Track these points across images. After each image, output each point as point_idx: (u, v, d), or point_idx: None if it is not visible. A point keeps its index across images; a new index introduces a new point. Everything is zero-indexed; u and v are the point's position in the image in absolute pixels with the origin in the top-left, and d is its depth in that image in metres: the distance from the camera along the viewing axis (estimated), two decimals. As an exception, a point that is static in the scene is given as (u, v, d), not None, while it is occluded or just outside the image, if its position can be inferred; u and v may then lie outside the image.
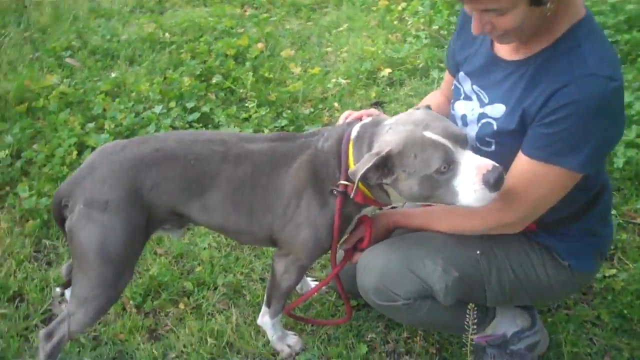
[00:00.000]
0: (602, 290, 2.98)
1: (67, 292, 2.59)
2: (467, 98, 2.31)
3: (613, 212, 3.40)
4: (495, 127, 2.16)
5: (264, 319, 2.63)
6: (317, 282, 2.98)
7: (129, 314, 2.84)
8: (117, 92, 4.44)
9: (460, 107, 2.32)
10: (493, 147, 2.19)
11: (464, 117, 2.30)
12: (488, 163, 1.99)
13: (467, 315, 2.20)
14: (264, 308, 2.62)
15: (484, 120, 2.20)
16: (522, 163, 2.08)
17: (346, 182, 2.19)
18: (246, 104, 4.27)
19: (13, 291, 2.94)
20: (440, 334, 2.72)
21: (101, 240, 2.22)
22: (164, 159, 2.26)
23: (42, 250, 3.21)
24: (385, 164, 2.05)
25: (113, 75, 4.64)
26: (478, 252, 2.28)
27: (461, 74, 2.35)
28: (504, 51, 2.18)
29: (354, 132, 2.22)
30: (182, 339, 2.71)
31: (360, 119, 2.37)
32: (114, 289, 2.32)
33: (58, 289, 2.74)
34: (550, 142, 2.00)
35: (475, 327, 2.22)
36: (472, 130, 2.25)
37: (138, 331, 2.77)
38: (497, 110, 2.16)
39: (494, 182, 1.97)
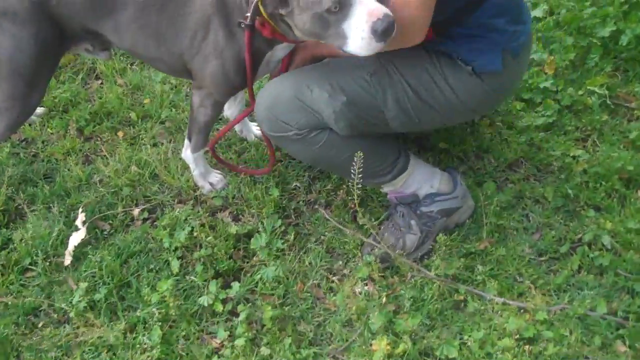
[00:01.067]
0: (559, 169, 2.78)
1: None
2: None
3: (604, 92, 3.12)
4: None
5: (186, 153, 2.61)
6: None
7: (70, 137, 2.88)
8: None
9: None
10: None
11: None
12: (380, 11, 1.87)
13: (354, 163, 2.12)
14: (185, 141, 2.59)
15: None
16: None
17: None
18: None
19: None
20: (364, 190, 2.63)
21: (11, 51, 2.26)
22: None
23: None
24: None
25: None
26: (368, 74, 2.17)
27: None
28: None
29: None
30: (111, 165, 2.75)
31: None
32: (26, 101, 2.38)
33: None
34: None
35: (361, 175, 2.15)
36: None
37: (75, 154, 2.83)
38: None
39: (382, 32, 1.87)
